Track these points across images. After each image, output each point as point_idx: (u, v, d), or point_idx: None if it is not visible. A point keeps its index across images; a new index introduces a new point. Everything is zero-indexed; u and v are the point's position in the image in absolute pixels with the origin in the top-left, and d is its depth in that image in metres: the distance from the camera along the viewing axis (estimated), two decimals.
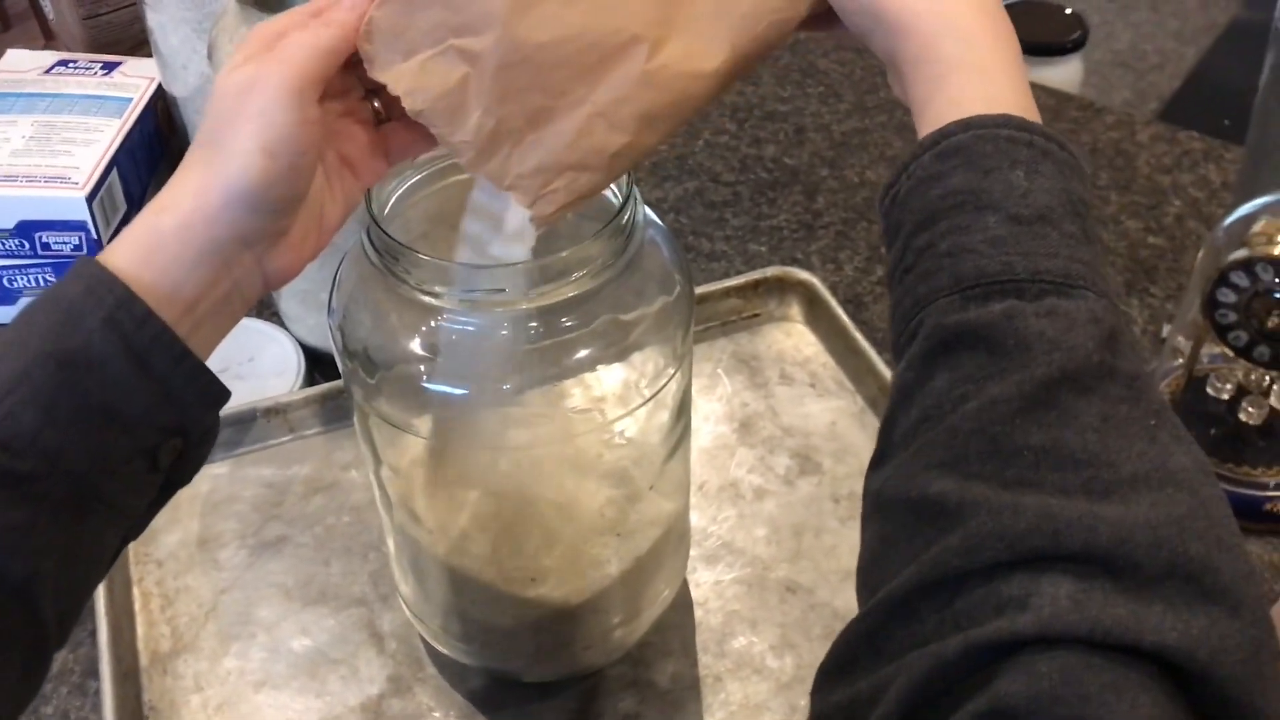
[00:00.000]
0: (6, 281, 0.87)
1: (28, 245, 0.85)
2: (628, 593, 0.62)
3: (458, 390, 0.52)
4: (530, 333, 0.51)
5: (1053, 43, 1.61)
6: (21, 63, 0.98)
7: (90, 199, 0.85)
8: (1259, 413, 0.74)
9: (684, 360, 0.56)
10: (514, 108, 0.44)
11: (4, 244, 0.85)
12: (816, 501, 0.74)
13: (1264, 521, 0.73)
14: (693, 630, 0.68)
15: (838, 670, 0.39)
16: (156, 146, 0.97)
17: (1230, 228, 0.71)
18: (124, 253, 0.43)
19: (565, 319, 0.51)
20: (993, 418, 0.37)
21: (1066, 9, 1.63)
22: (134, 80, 0.96)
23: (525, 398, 0.53)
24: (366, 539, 0.72)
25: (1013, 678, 0.33)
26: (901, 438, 0.40)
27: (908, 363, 0.41)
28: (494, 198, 0.48)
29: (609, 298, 0.52)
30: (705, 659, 0.66)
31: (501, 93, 0.44)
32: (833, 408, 0.80)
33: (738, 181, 1.02)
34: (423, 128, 0.46)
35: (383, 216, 0.52)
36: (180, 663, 0.66)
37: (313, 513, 0.74)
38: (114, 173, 0.88)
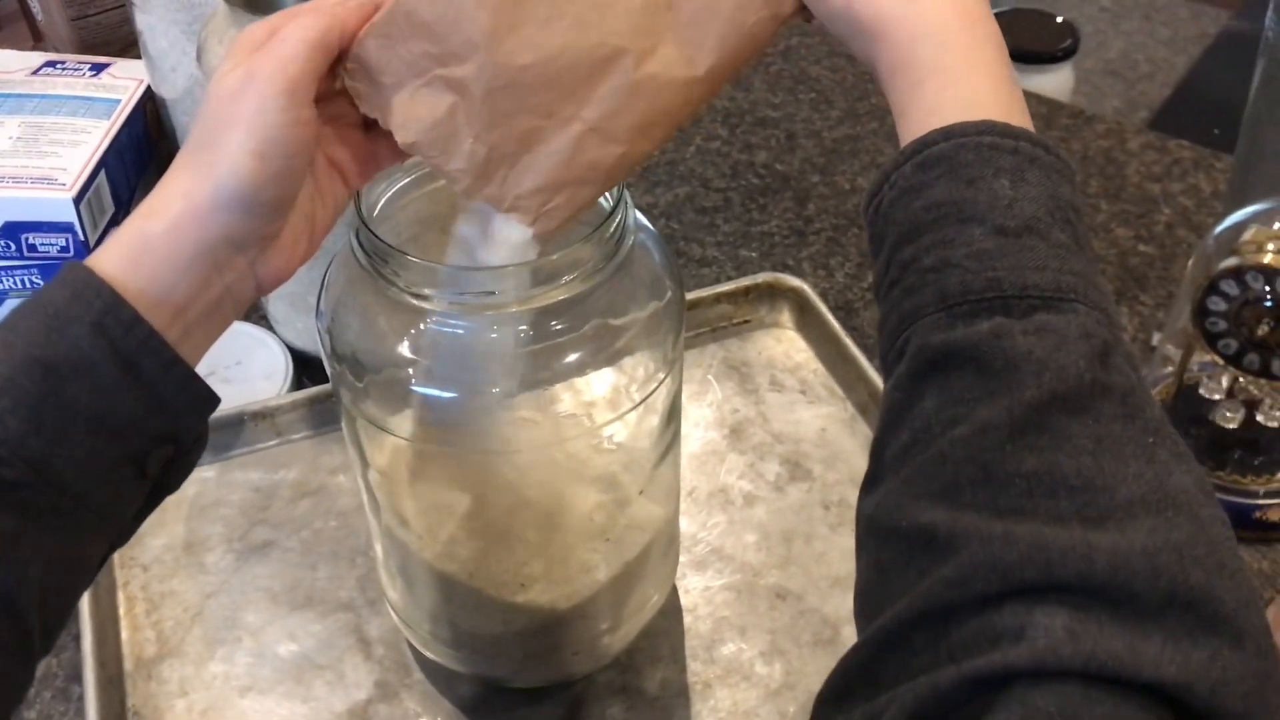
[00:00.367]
0: None
1: (14, 247, 0.85)
2: (617, 598, 0.62)
3: (446, 394, 0.52)
4: (520, 336, 0.50)
5: (1044, 51, 1.62)
6: (9, 63, 0.97)
7: (78, 200, 0.84)
8: (1248, 421, 0.74)
9: (674, 365, 0.56)
10: (505, 132, 0.44)
11: None
12: (806, 508, 0.74)
13: (1254, 530, 0.73)
14: (682, 636, 0.67)
15: (834, 700, 0.38)
16: (145, 148, 0.96)
17: (1220, 236, 0.71)
18: (112, 257, 0.43)
19: (555, 323, 0.51)
20: (983, 445, 0.36)
21: (1058, 17, 1.64)
22: (122, 82, 0.95)
23: (515, 401, 0.53)
24: (354, 544, 0.72)
25: (1008, 711, 0.32)
26: (892, 460, 0.39)
27: (896, 382, 0.40)
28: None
29: (600, 302, 0.51)
30: (694, 665, 0.66)
31: (490, 118, 0.44)
32: (823, 414, 0.80)
33: (729, 187, 1.02)
34: None
35: (372, 219, 0.52)
36: (165, 667, 0.66)
37: (300, 517, 0.74)
38: (102, 174, 0.88)
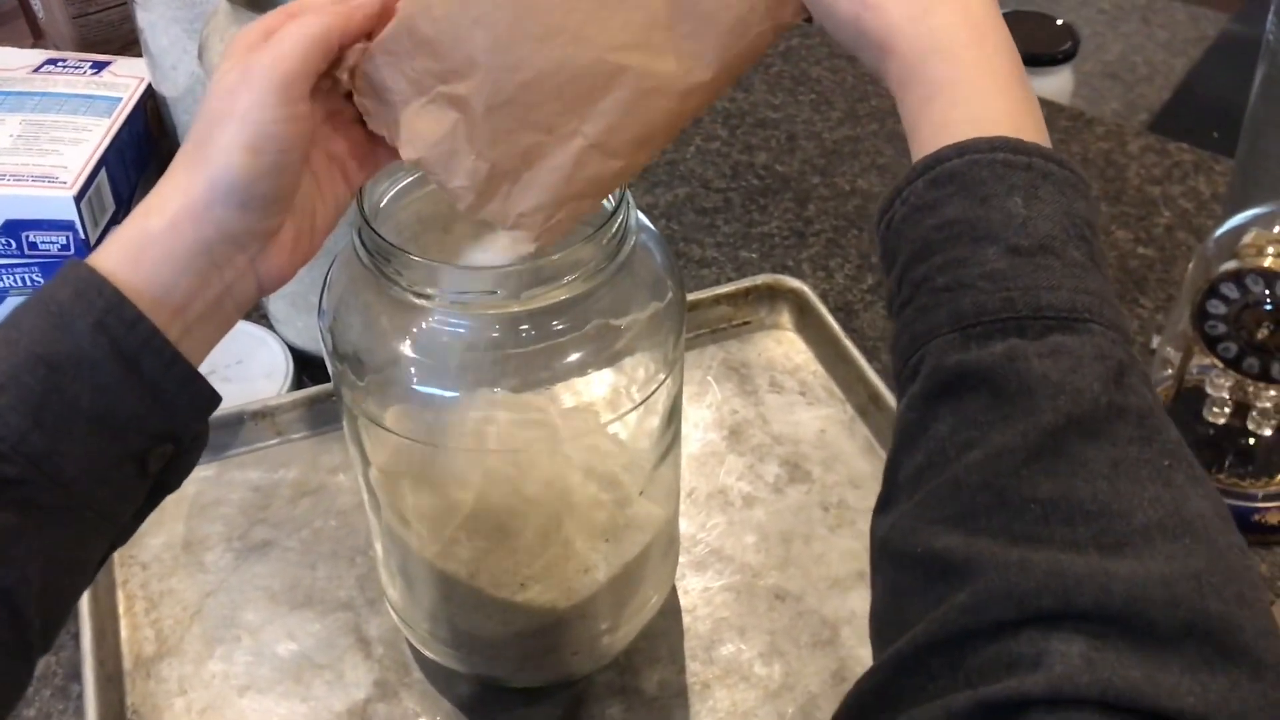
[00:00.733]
0: None
1: (15, 245, 0.85)
2: (616, 599, 0.62)
3: (448, 393, 0.52)
4: (521, 336, 0.50)
5: (1043, 53, 1.61)
6: (10, 61, 0.97)
7: (78, 199, 0.84)
8: (1248, 424, 0.74)
9: (675, 366, 0.56)
10: (506, 148, 0.44)
11: None
12: (805, 509, 0.74)
13: (1253, 533, 0.73)
14: (681, 637, 0.68)
15: None
16: (145, 147, 0.96)
17: (1220, 239, 0.71)
18: (112, 255, 0.43)
19: (556, 322, 0.51)
20: (998, 470, 0.36)
21: (1057, 20, 1.64)
22: (123, 80, 0.95)
23: (515, 401, 0.53)
24: (353, 543, 0.72)
25: None
26: (906, 482, 0.39)
27: (909, 402, 0.39)
28: None
29: (600, 302, 0.51)
30: (693, 666, 0.66)
31: (492, 135, 0.44)
32: (822, 416, 0.80)
33: (729, 188, 1.02)
34: None
35: (374, 217, 0.52)
36: (164, 666, 0.66)
37: (300, 516, 0.73)
38: (103, 172, 0.88)
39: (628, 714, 0.64)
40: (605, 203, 0.53)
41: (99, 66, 0.97)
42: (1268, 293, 0.68)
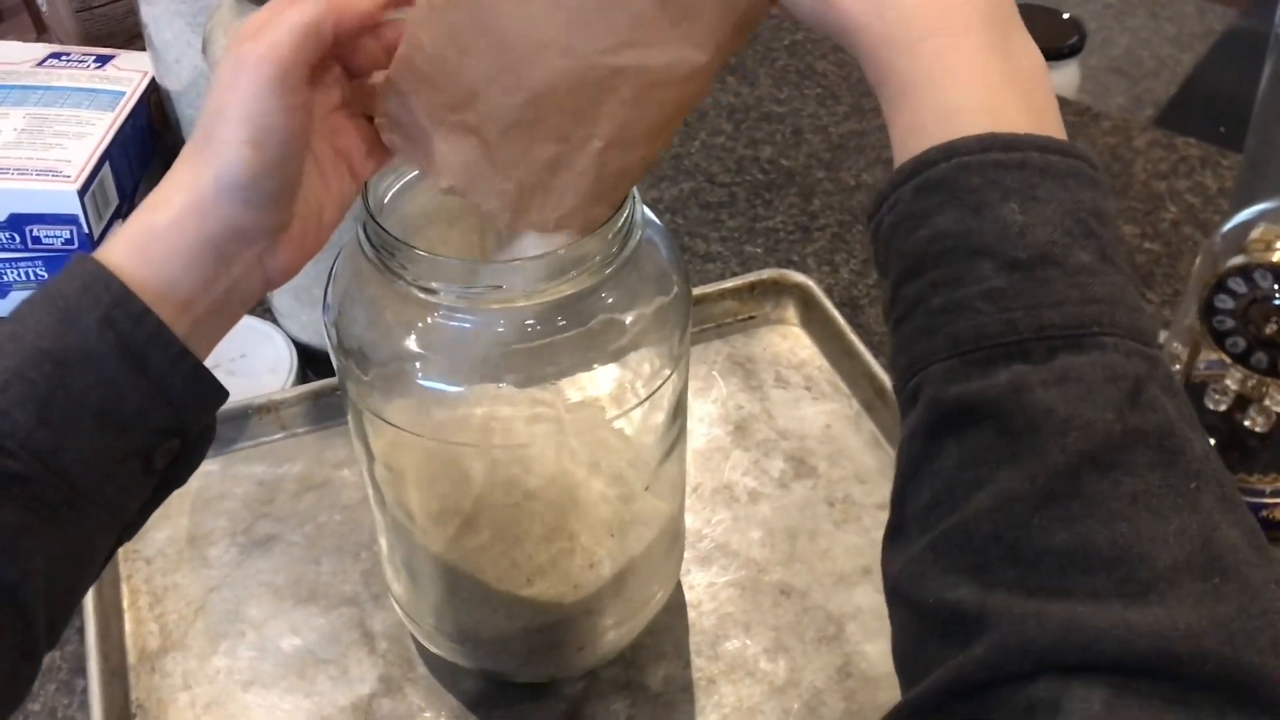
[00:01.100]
0: None
1: (19, 238, 0.85)
2: (621, 594, 0.61)
3: (453, 388, 0.52)
4: (527, 331, 0.50)
5: (1050, 48, 1.61)
6: (14, 55, 0.97)
7: (82, 193, 0.84)
8: (1256, 419, 0.74)
9: (680, 361, 0.56)
10: (528, 166, 0.45)
11: None
12: (811, 505, 0.74)
13: (1262, 529, 0.73)
14: (686, 632, 0.67)
15: None
16: (149, 141, 0.96)
17: (1228, 234, 0.71)
18: (119, 250, 0.43)
19: (562, 318, 0.50)
20: (1009, 520, 0.34)
21: (1064, 14, 1.63)
22: (127, 74, 0.95)
23: (521, 396, 0.52)
24: (358, 538, 0.72)
25: None
26: (915, 517, 0.37)
27: (912, 431, 0.37)
28: None
29: (606, 297, 0.51)
30: (698, 661, 0.66)
31: (509, 157, 0.45)
32: (828, 411, 0.80)
33: (734, 183, 1.02)
34: None
35: (379, 212, 0.52)
36: (168, 661, 0.66)
37: (304, 511, 0.73)
38: (106, 166, 0.88)
39: (633, 709, 0.64)
40: None
41: (103, 60, 0.97)
42: (1276, 287, 0.68)
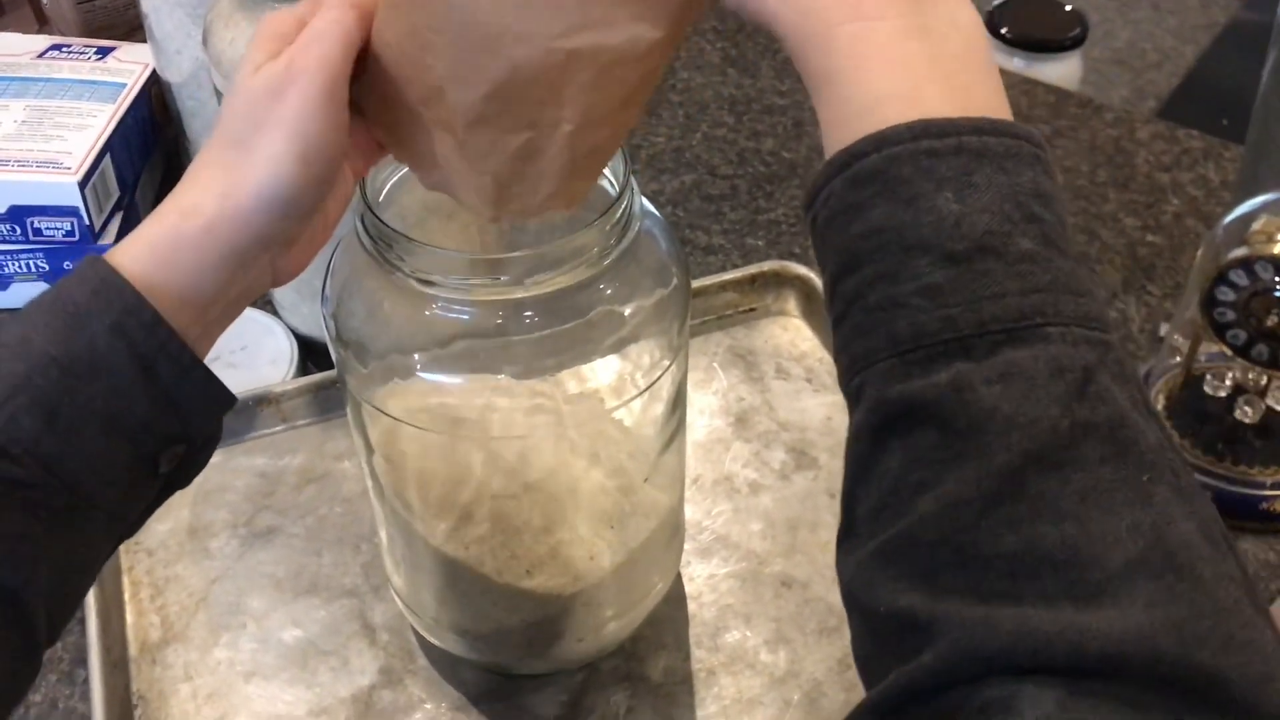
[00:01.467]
0: None
1: (19, 230, 0.85)
2: (621, 586, 0.62)
3: (452, 379, 0.52)
4: (526, 322, 0.50)
5: (1052, 39, 1.61)
6: (14, 46, 0.97)
7: (83, 185, 0.84)
8: (1257, 412, 0.74)
9: (680, 353, 0.56)
10: (499, 157, 0.44)
11: None
12: (812, 496, 0.74)
13: (1261, 521, 0.73)
14: (686, 624, 0.67)
15: None
16: (150, 133, 0.96)
17: (1230, 226, 0.71)
18: (138, 255, 0.42)
19: (561, 309, 0.50)
20: (956, 524, 0.33)
21: (1066, 6, 1.63)
22: (128, 65, 0.95)
23: (520, 388, 0.52)
24: (359, 530, 0.72)
25: None
26: (864, 519, 0.36)
27: (857, 432, 0.37)
28: None
29: (605, 288, 0.51)
30: (698, 653, 0.66)
31: (479, 150, 0.44)
32: (828, 403, 0.80)
33: (735, 175, 1.01)
34: None
35: (377, 204, 0.52)
36: (170, 652, 0.66)
37: (305, 503, 0.73)
38: (107, 158, 0.88)
39: (633, 701, 0.64)
40: (610, 188, 0.53)
41: (103, 52, 0.97)
42: (1277, 279, 0.67)
